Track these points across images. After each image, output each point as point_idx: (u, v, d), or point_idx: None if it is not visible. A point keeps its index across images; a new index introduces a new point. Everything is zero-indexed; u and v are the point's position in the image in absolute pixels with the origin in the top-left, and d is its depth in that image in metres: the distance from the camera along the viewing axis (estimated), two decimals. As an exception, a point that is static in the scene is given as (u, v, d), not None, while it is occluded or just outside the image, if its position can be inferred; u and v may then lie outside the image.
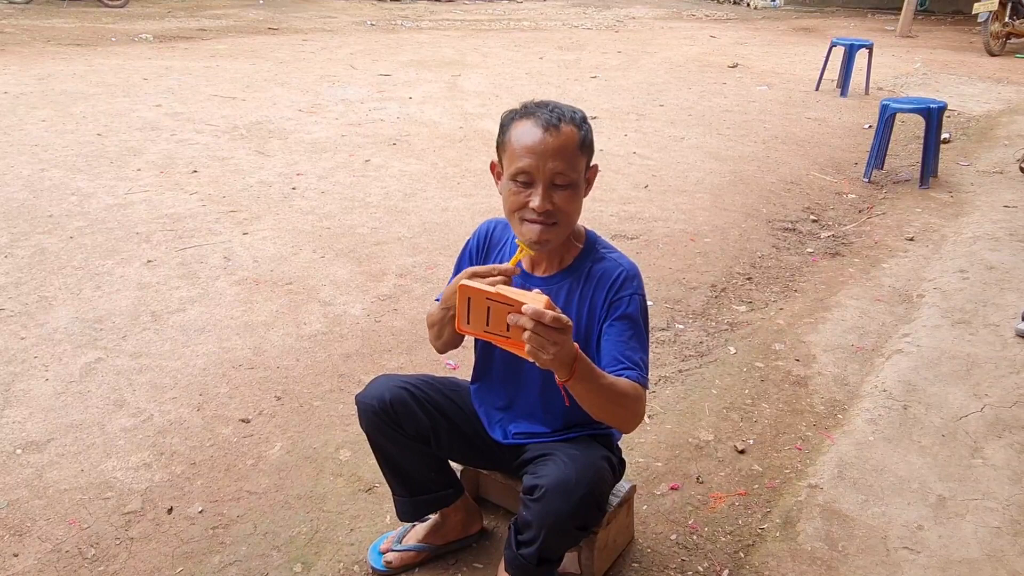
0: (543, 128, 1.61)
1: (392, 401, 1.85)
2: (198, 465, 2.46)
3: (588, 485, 1.66)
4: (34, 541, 2.13)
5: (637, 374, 1.64)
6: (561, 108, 1.65)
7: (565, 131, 1.61)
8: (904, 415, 2.72)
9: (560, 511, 1.62)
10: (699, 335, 3.36)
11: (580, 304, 1.75)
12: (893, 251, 4.27)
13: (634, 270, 1.76)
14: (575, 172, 1.64)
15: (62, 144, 5.65)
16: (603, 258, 1.77)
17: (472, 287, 1.41)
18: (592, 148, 1.69)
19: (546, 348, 1.38)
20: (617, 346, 1.68)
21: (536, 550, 1.77)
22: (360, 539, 2.18)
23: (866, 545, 2.15)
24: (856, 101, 8.18)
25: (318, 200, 4.80)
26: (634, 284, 1.73)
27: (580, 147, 1.63)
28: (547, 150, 1.60)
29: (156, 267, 3.79)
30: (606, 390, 1.55)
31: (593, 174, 1.73)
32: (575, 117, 1.65)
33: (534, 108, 1.66)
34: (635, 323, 1.71)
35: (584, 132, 1.65)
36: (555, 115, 1.62)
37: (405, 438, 1.89)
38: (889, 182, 5.57)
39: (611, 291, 1.72)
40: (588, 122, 1.69)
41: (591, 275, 1.74)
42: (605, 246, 1.82)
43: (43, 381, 2.85)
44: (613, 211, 4.77)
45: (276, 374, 2.96)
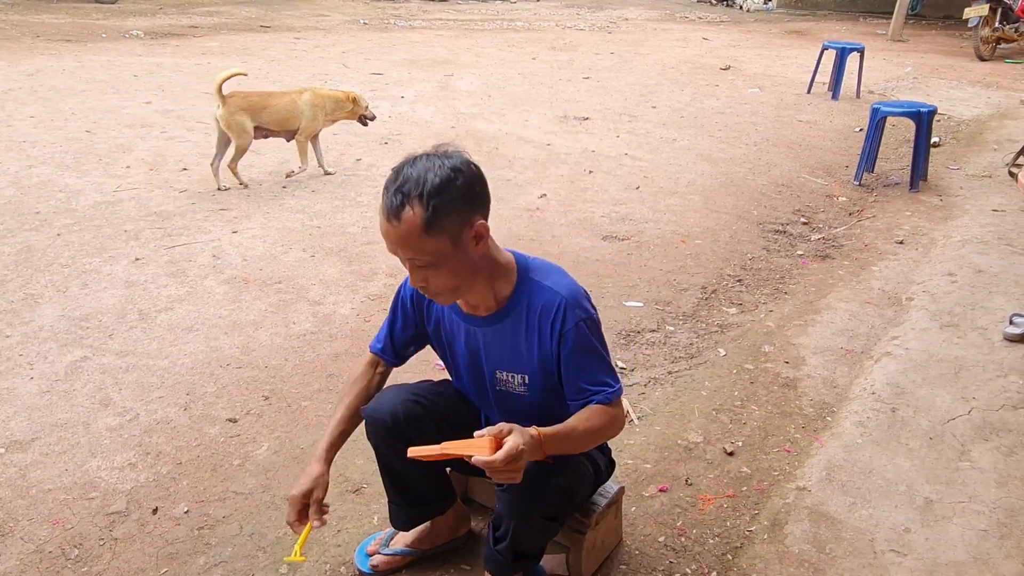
0: (385, 216, 1.52)
1: (406, 416, 1.83)
2: (184, 465, 2.44)
3: (554, 474, 1.67)
4: (16, 542, 2.11)
5: (604, 394, 1.69)
6: (409, 183, 1.49)
7: (407, 219, 1.49)
8: (892, 418, 2.72)
9: (525, 498, 1.64)
10: (689, 337, 3.36)
11: (528, 338, 1.71)
12: (883, 254, 4.28)
13: (574, 294, 1.69)
14: (427, 255, 1.53)
15: (50, 140, 5.61)
16: (540, 288, 1.69)
17: (420, 453, 1.57)
18: (453, 216, 1.51)
19: (511, 476, 1.52)
20: (579, 376, 1.69)
21: (509, 544, 1.78)
22: (347, 540, 2.17)
23: (853, 548, 2.15)
24: (847, 104, 8.21)
25: (308, 199, 4.78)
26: (577, 311, 1.66)
27: (426, 231, 1.49)
28: (391, 240, 1.54)
29: (144, 265, 3.76)
30: (580, 438, 1.67)
31: (480, 230, 1.57)
32: (424, 192, 1.48)
33: (389, 182, 1.53)
34: (589, 348, 1.68)
35: (431, 210, 1.48)
36: (398, 198, 1.49)
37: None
38: (879, 185, 5.59)
39: (555, 325, 1.67)
40: (447, 188, 1.50)
41: (531, 309, 1.69)
42: (539, 270, 1.73)
43: (28, 379, 2.83)
44: (604, 212, 4.77)
45: (264, 373, 2.94)
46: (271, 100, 4.95)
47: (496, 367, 1.78)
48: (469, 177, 1.55)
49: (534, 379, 1.75)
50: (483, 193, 1.60)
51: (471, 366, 1.85)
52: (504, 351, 1.75)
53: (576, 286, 1.72)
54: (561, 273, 1.75)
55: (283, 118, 4.95)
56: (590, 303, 1.74)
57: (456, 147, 1.61)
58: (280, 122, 4.96)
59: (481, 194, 1.59)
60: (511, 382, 1.77)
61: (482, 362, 1.81)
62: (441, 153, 1.57)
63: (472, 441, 1.54)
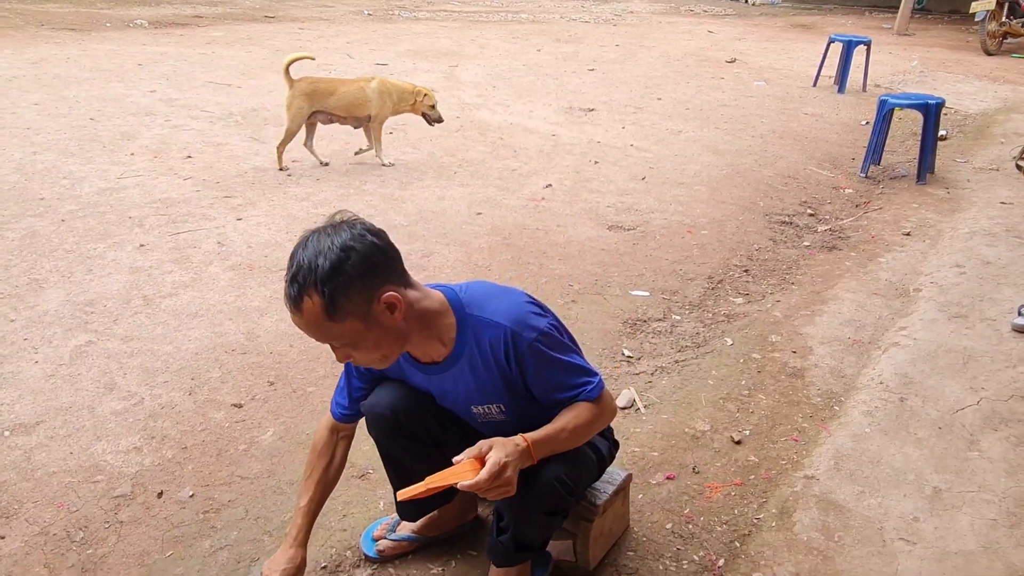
0: (288, 307, 1.48)
1: (406, 411, 1.80)
2: (189, 449, 2.44)
3: (553, 470, 1.64)
4: (21, 524, 2.10)
5: (585, 393, 1.65)
6: (302, 270, 1.43)
7: (307, 308, 1.44)
8: (901, 407, 2.71)
9: (522, 496, 1.59)
10: (696, 326, 3.34)
11: (488, 372, 1.65)
12: (890, 246, 4.26)
13: (515, 317, 1.61)
14: (337, 338, 1.50)
15: (55, 128, 5.59)
16: (480, 323, 1.62)
17: (408, 495, 1.55)
18: (354, 296, 1.45)
19: (503, 491, 1.51)
20: (553, 391, 1.65)
21: (511, 535, 1.77)
22: (353, 525, 2.16)
23: (862, 536, 2.14)
24: (853, 98, 8.17)
25: (313, 187, 4.76)
26: (525, 334, 1.60)
27: (328, 316, 1.44)
28: (301, 328, 1.50)
29: (149, 251, 3.75)
30: (571, 436, 1.64)
31: (390, 300, 1.49)
32: (316, 279, 1.42)
33: (287, 269, 1.47)
34: (551, 362, 1.63)
35: (329, 295, 1.42)
36: (295, 288, 1.44)
37: (417, 445, 1.85)
38: (886, 178, 5.56)
39: (510, 356, 1.61)
40: (340, 270, 1.42)
41: (481, 346, 1.63)
42: (474, 303, 1.65)
43: (33, 363, 2.82)
44: (610, 202, 4.75)
45: (269, 359, 2.93)
46: (339, 87, 5.01)
47: (469, 403, 1.74)
48: (364, 251, 1.45)
49: (509, 405, 1.71)
50: (384, 261, 1.50)
51: (446, 404, 1.80)
52: (471, 389, 1.70)
53: (517, 305, 1.64)
54: (497, 295, 1.67)
55: (350, 104, 4.99)
56: (539, 313, 1.66)
57: (353, 215, 1.53)
58: (346, 108, 5.01)
59: (381, 263, 1.49)
60: (490, 412, 1.74)
61: (455, 401, 1.77)
62: (333, 228, 1.48)
63: (453, 469, 1.52)
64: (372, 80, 5.10)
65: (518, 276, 3.66)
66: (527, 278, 3.65)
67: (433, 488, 1.52)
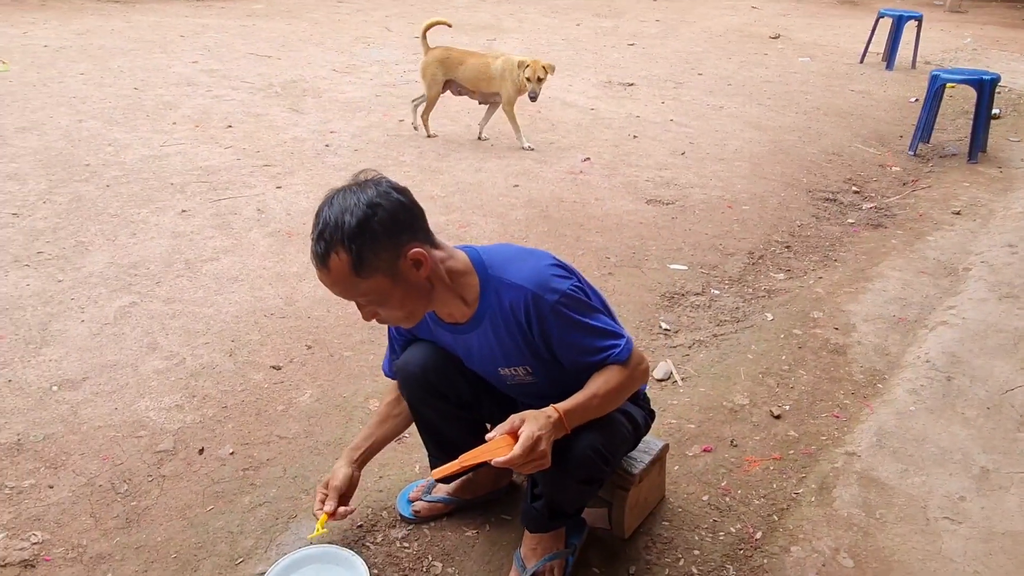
0: (315, 264, 1.48)
1: (436, 370, 1.80)
2: (229, 409, 2.47)
3: (588, 439, 1.62)
4: (69, 474, 2.15)
5: (613, 353, 1.61)
6: (329, 227, 1.43)
7: (334, 264, 1.44)
8: (947, 386, 2.64)
9: (557, 465, 1.57)
10: (735, 301, 3.28)
11: (511, 336, 1.63)
12: (939, 224, 4.13)
13: (537, 280, 1.57)
14: (367, 295, 1.50)
15: (100, 97, 5.68)
16: (503, 285, 1.60)
17: (443, 473, 1.55)
18: (381, 253, 1.45)
19: (538, 464, 1.49)
20: (579, 355, 1.62)
21: (546, 503, 1.76)
22: (388, 486, 2.17)
23: (905, 514, 2.09)
24: (902, 75, 7.93)
25: (351, 157, 4.77)
26: (547, 296, 1.56)
27: (355, 272, 1.44)
28: (327, 286, 1.51)
29: (190, 217, 3.80)
30: (603, 402, 1.60)
31: (416, 256, 1.49)
32: (344, 236, 1.42)
33: (313, 227, 1.47)
34: (575, 325, 1.59)
35: (356, 252, 1.42)
36: (321, 245, 1.44)
37: (447, 405, 1.85)
38: (935, 156, 5.39)
39: (532, 319, 1.58)
40: (367, 226, 1.42)
41: (503, 309, 1.60)
42: (497, 265, 1.62)
43: (79, 322, 2.88)
44: (649, 176, 4.68)
45: (307, 324, 2.96)
46: (468, 58, 5.01)
47: (496, 366, 1.72)
48: (390, 208, 1.45)
49: (536, 367, 1.69)
50: (409, 218, 1.50)
51: (474, 366, 1.80)
52: (497, 351, 1.68)
53: (537, 268, 1.60)
54: (518, 257, 1.64)
55: (475, 77, 4.99)
56: (562, 276, 1.61)
57: (377, 174, 1.52)
58: (473, 81, 5.01)
59: (407, 220, 1.49)
60: (517, 374, 1.72)
61: (482, 363, 1.76)
62: (358, 186, 1.48)
63: (487, 445, 1.50)
64: (498, 58, 4.99)
65: (555, 248, 3.63)
66: (564, 250, 3.62)
67: (466, 465, 1.51)
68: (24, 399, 2.45)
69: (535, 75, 4.81)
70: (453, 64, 5.00)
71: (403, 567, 1.89)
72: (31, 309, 2.94)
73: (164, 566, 1.87)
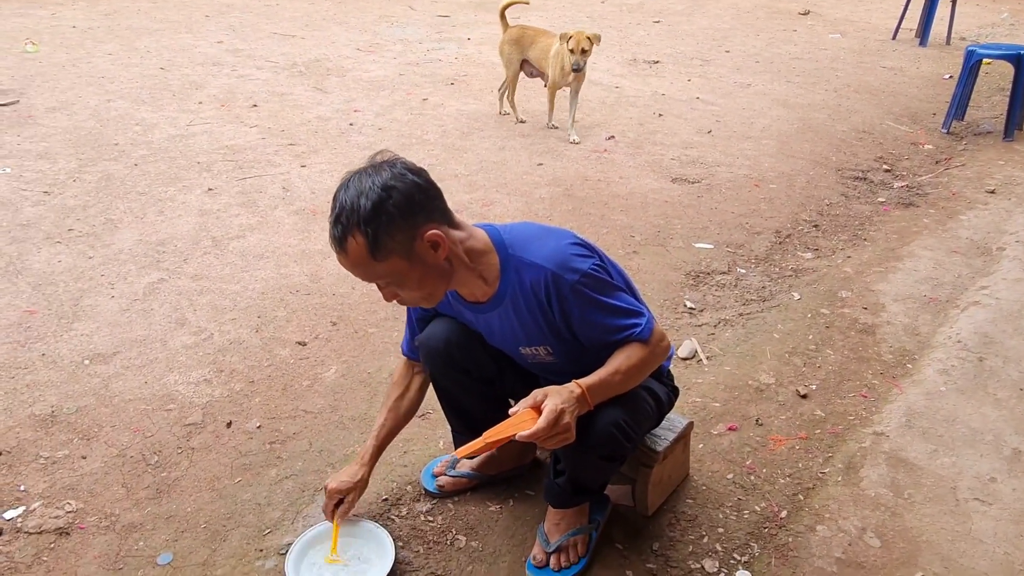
0: (333, 248, 1.48)
1: (459, 344, 1.80)
2: (256, 383, 2.50)
3: (610, 416, 1.61)
4: (101, 446, 2.20)
5: (635, 331, 1.59)
6: (345, 211, 1.43)
7: (351, 248, 1.44)
8: (979, 367, 2.59)
9: (579, 441, 1.56)
10: (762, 280, 3.25)
11: (531, 315, 1.63)
12: (972, 203, 4.04)
13: (557, 260, 1.56)
14: (382, 277, 1.51)
15: (127, 77, 5.73)
16: (523, 265, 1.59)
17: (467, 451, 1.53)
18: (396, 235, 1.44)
19: (562, 438, 1.48)
20: (600, 334, 1.60)
21: (568, 479, 1.76)
22: (413, 461, 2.19)
23: (934, 494, 2.07)
24: (936, 51, 7.73)
25: (375, 136, 4.77)
26: (568, 276, 1.55)
27: (372, 255, 1.44)
28: (347, 269, 1.51)
29: (217, 195, 3.83)
30: (625, 379, 1.59)
31: (433, 238, 1.48)
32: (359, 219, 1.42)
33: (331, 211, 1.48)
34: (596, 305, 1.57)
35: (372, 235, 1.42)
36: (338, 229, 1.45)
37: (470, 380, 1.86)
38: (970, 134, 5.26)
39: (552, 299, 1.57)
40: (382, 210, 1.42)
41: (523, 288, 1.60)
42: (517, 244, 1.61)
43: (109, 298, 2.92)
44: (674, 155, 4.63)
45: (332, 301, 2.98)
46: (539, 38, 4.88)
47: (517, 344, 1.72)
48: (405, 190, 1.44)
49: (556, 347, 1.68)
50: (425, 200, 1.49)
51: (496, 343, 1.80)
52: (517, 330, 1.68)
53: (559, 247, 1.58)
54: (540, 236, 1.62)
55: (539, 57, 4.88)
56: (583, 255, 1.59)
57: (392, 155, 1.51)
58: (538, 61, 4.91)
59: (422, 201, 1.48)
60: (538, 354, 1.72)
61: (504, 341, 1.76)
62: (373, 168, 1.47)
63: (510, 420, 1.50)
64: (558, 38, 4.76)
65: (579, 226, 3.61)
66: (588, 228, 3.59)
67: (491, 443, 1.50)
68: (57, 372, 2.50)
69: (578, 46, 4.53)
70: (527, 43, 4.88)
71: (427, 540, 1.91)
72: (63, 285, 2.99)
73: (194, 535, 1.90)
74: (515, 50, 4.95)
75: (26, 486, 2.04)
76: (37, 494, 2.01)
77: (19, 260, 3.15)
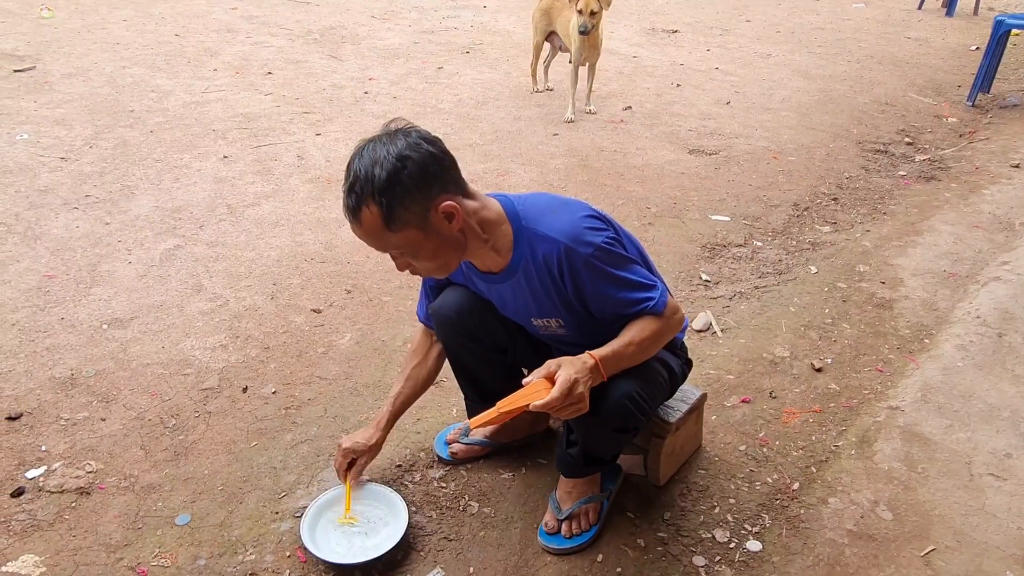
0: (347, 217, 1.46)
1: (471, 313, 1.80)
2: (271, 350, 2.52)
3: (624, 387, 1.61)
4: (120, 408, 2.23)
5: (648, 305, 1.58)
6: (359, 181, 1.41)
7: (365, 218, 1.43)
8: (998, 343, 2.56)
9: (592, 412, 1.56)
10: (778, 253, 3.22)
11: (544, 288, 1.61)
12: (996, 177, 3.97)
13: (571, 233, 1.54)
14: (396, 247, 1.49)
15: (142, 43, 5.71)
16: (536, 237, 1.57)
17: (480, 422, 1.52)
18: (411, 206, 1.43)
19: (576, 408, 1.48)
20: (613, 307, 1.59)
21: (581, 450, 1.77)
22: (426, 428, 2.21)
23: (948, 469, 2.06)
24: (963, 21, 7.55)
25: (390, 105, 4.74)
26: (581, 250, 1.53)
27: (386, 226, 1.43)
28: (360, 238, 1.49)
29: (232, 163, 3.83)
30: (638, 351, 1.59)
31: (447, 209, 1.47)
32: (374, 189, 1.40)
33: (344, 179, 1.46)
34: (608, 279, 1.56)
35: (386, 205, 1.40)
36: (352, 199, 1.43)
37: (482, 349, 1.86)
38: (995, 107, 5.16)
39: (564, 273, 1.56)
40: (396, 180, 1.40)
41: (536, 261, 1.58)
42: (531, 216, 1.59)
43: (126, 264, 2.95)
44: (692, 126, 4.57)
45: (347, 269, 2.98)
46: (567, 11, 4.63)
47: (529, 315, 1.72)
48: (420, 160, 1.42)
49: (568, 320, 1.68)
50: (440, 170, 1.47)
51: (508, 313, 1.79)
52: (530, 302, 1.67)
53: (571, 220, 1.56)
54: (552, 208, 1.60)
55: (566, 31, 4.69)
56: (596, 228, 1.57)
57: (407, 123, 1.49)
58: (565, 34, 4.72)
59: (437, 172, 1.46)
60: (550, 326, 1.71)
61: (516, 312, 1.75)
62: (388, 137, 1.45)
63: (524, 391, 1.49)
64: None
65: (594, 197, 3.58)
66: (603, 199, 3.57)
67: (505, 413, 1.49)
68: (76, 336, 2.53)
69: (587, 7, 4.33)
70: (554, 15, 4.73)
71: (440, 505, 1.93)
72: (80, 251, 3.01)
73: (211, 497, 1.93)
74: (544, 20, 4.83)
75: (47, 447, 2.07)
76: (58, 454, 2.05)
77: (37, 225, 3.17)
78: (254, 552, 1.78)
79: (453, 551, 1.80)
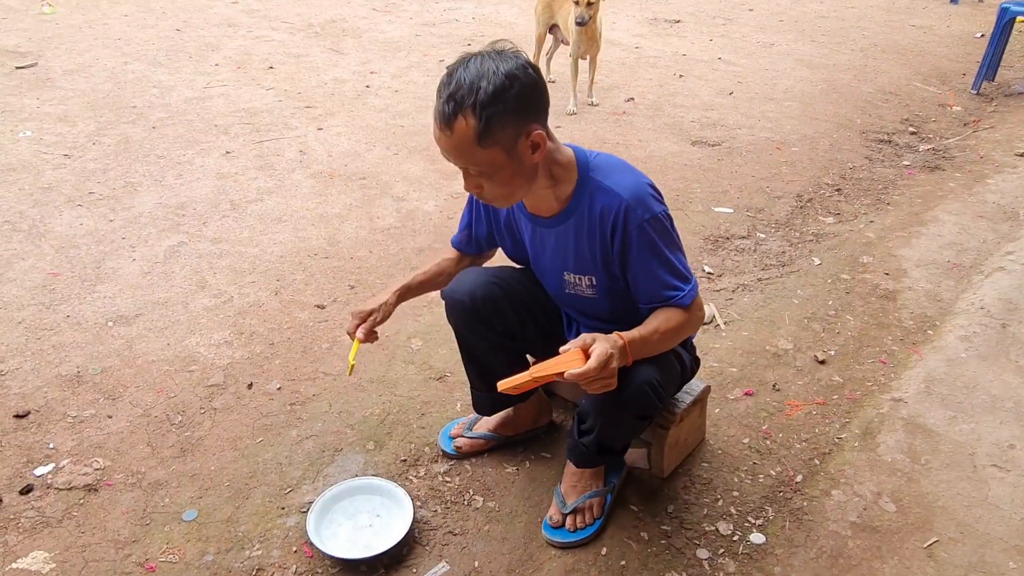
0: (437, 124, 1.45)
1: (483, 298, 1.80)
2: (276, 346, 2.53)
3: (645, 374, 1.62)
4: (126, 405, 2.24)
5: (678, 296, 1.60)
6: (462, 90, 1.40)
7: (459, 129, 1.41)
8: (1002, 334, 2.56)
9: (615, 398, 1.58)
10: (781, 245, 3.21)
11: (590, 240, 1.63)
12: (1000, 167, 3.95)
13: (636, 193, 1.56)
14: (481, 165, 1.47)
15: (143, 38, 5.71)
16: (600, 189, 1.59)
17: (512, 385, 1.51)
18: (507, 127, 1.43)
19: (607, 383, 1.49)
20: (648, 282, 1.60)
21: (595, 438, 1.77)
22: (431, 423, 2.21)
23: (951, 460, 2.06)
24: (968, 8, 7.50)
25: (392, 98, 4.74)
26: (639, 211, 1.55)
27: (479, 142, 1.42)
28: (443, 148, 1.48)
29: (234, 158, 3.84)
30: (662, 340, 1.60)
31: (536, 139, 1.48)
32: (476, 101, 1.39)
33: (442, 85, 1.44)
34: (654, 250, 1.58)
35: (484, 121, 1.40)
36: (450, 106, 1.41)
37: (492, 334, 1.86)
38: (1000, 95, 5.13)
39: (616, 229, 1.57)
40: (501, 97, 1.40)
41: (592, 211, 1.60)
42: (601, 169, 1.62)
43: (130, 260, 2.96)
44: (694, 117, 4.56)
45: (350, 264, 2.99)
46: (568, 4, 4.57)
47: (563, 268, 1.73)
48: (525, 83, 1.43)
49: (601, 281, 1.69)
50: (540, 100, 1.49)
51: (542, 265, 1.81)
52: (569, 253, 1.69)
53: (639, 183, 1.59)
54: (624, 170, 1.62)
55: (565, 25, 4.69)
56: (658, 199, 1.60)
57: (513, 46, 1.49)
58: (565, 27, 4.72)
59: (537, 102, 1.48)
60: (579, 284, 1.73)
61: (550, 262, 1.76)
62: (496, 54, 1.44)
63: (560, 358, 1.49)
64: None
65: (597, 190, 3.58)
66: (606, 192, 3.56)
67: (538, 378, 1.50)
68: (82, 333, 2.54)
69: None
70: (555, 7, 4.73)
71: (445, 500, 1.94)
72: (85, 248, 3.02)
73: (218, 493, 1.95)
74: (546, 13, 4.83)
75: (55, 444, 2.09)
76: (66, 451, 2.06)
77: (42, 223, 3.18)
78: (261, 547, 1.80)
79: (458, 545, 1.82)
